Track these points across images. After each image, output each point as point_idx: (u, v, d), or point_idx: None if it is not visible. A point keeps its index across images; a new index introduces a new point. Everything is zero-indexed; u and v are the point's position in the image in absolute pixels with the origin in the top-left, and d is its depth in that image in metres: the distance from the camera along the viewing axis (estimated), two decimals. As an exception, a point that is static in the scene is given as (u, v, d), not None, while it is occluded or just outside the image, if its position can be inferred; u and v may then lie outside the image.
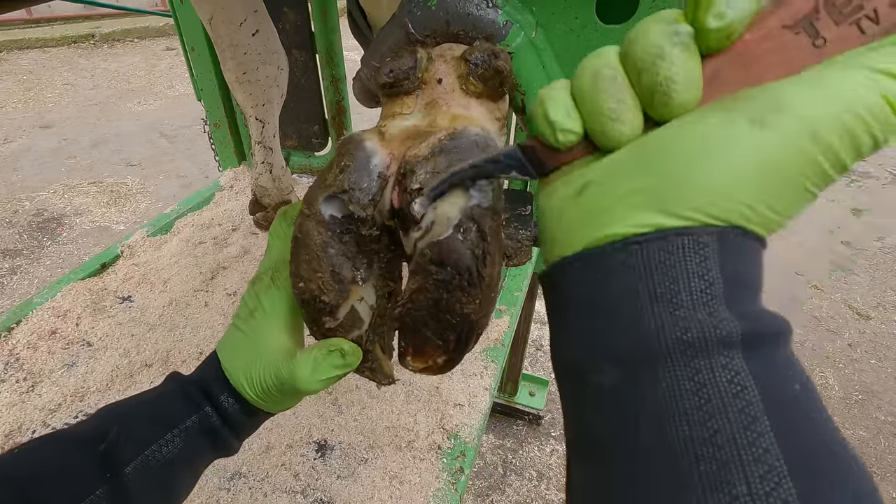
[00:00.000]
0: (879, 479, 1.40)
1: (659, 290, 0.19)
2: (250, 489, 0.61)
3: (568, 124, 0.22)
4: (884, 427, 1.54)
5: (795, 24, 0.19)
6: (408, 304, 0.31)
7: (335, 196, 0.31)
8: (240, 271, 0.96)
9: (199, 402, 0.35)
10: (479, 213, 0.28)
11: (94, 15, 4.93)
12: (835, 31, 0.19)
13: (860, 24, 0.18)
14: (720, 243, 0.19)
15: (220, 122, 1.17)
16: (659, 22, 0.20)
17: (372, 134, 0.33)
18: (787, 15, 0.19)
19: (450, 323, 0.30)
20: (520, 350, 1.37)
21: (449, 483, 0.62)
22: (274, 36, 0.76)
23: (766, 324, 0.19)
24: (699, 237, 0.19)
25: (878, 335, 1.84)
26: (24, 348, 0.76)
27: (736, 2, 0.19)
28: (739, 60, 0.20)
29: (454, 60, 0.35)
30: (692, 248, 0.19)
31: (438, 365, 0.32)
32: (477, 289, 0.29)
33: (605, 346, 0.20)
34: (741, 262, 0.20)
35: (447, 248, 0.28)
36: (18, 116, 3.30)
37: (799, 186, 0.19)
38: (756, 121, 0.19)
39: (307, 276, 0.32)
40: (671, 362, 0.18)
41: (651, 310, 0.19)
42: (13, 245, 2.19)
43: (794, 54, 0.19)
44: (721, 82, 0.20)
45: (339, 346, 0.33)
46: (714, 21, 0.19)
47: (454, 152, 0.29)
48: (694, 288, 0.19)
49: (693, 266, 0.19)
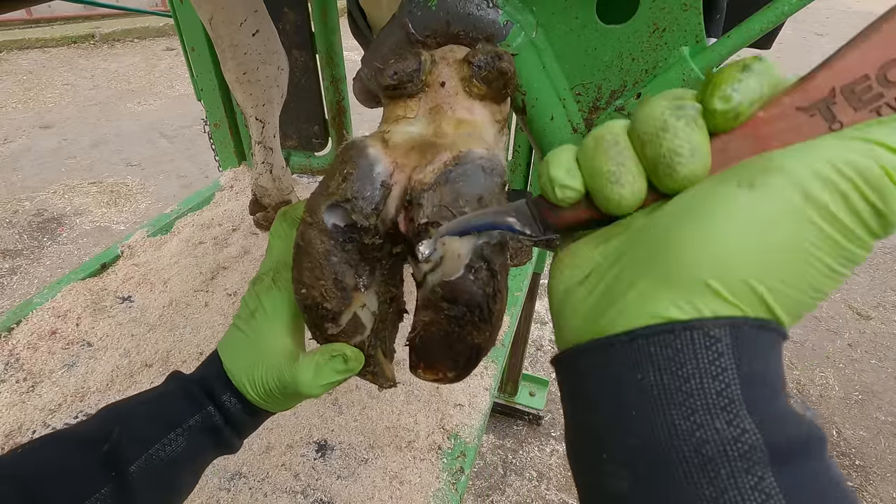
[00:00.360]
0: (880, 479, 1.40)
1: (670, 390, 0.18)
2: (250, 489, 0.61)
3: (567, 181, 0.22)
4: (884, 427, 1.54)
5: (811, 107, 0.19)
6: (420, 334, 0.31)
7: (338, 205, 0.31)
8: (240, 271, 0.95)
9: (202, 401, 0.36)
10: (488, 252, 0.28)
11: (94, 15, 4.93)
12: (852, 116, 0.18)
13: (879, 112, 0.18)
14: (734, 337, 0.18)
15: (220, 122, 1.17)
16: (665, 97, 0.20)
17: (375, 141, 0.33)
18: (802, 97, 0.19)
19: (460, 350, 0.31)
20: (520, 350, 1.37)
21: (449, 483, 0.62)
22: (274, 36, 0.76)
23: (794, 432, 0.17)
24: (710, 330, 0.18)
25: (878, 335, 1.84)
26: (25, 348, 0.76)
27: (745, 86, 0.19)
28: (751, 137, 0.20)
29: (457, 63, 0.35)
30: (703, 344, 0.18)
31: (448, 378, 0.33)
32: (488, 323, 0.30)
33: (618, 449, 0.19)
34: (758, 358, 0.18)
35: (459, 288, 0.29)
36: (18, 116, 3.30)
37: (807, 254, 0.18)
38: (744, 183, 0.18)
39: (310, 284, 0.32)
40: (690, 477, 0.17)
41: (663, 413, 0.18)
42: (13, 245, 2.19)
43: (807, 135, 0.19)
44: (730, 156, 0.20)
45: (341, 351, 0.33)
46: (720, 104, 0.19)
47: (461, 181, 0.29)
48: (708, 390, 0.17)
49: (705, 364, 0.18)
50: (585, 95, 0.40)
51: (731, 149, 0.20)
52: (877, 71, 0.18)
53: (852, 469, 1.43)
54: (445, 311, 0.30)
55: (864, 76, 0.18)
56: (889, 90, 0.18)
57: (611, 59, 0.38)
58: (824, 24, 5.80)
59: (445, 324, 0.30)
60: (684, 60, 0.36)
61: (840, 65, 0.18)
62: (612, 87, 0.39)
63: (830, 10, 6.41)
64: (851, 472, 1.42)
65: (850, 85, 0.18)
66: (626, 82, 0.39)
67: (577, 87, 0.40)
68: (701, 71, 0.36)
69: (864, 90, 0.18)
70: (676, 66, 0.36)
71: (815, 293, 0.18)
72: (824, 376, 1.69)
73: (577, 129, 0.41)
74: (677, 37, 0.36)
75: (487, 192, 0.29)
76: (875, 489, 1.38)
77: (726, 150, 0.20)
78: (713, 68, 0.36)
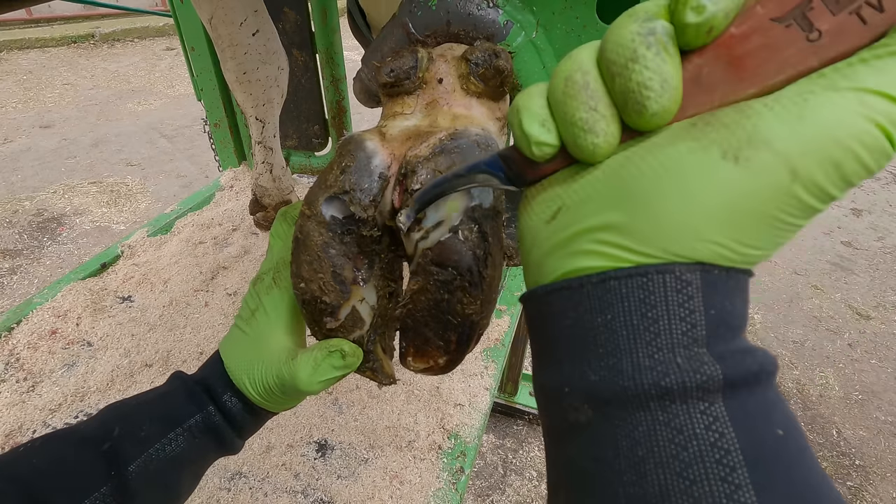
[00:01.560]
0: (880, 479, 1.40)
1: (638, 330, 0.18)
2: (251, 489, 0.61)
3: (543, 136, 0.21)
4: (884, 427, 1.54)
5: (785, 16, 0.17)
6: (409, 305, 0.31)
7: (336, 197, 0.31)
8: (240, 271, 0.96)
9: (203, 401, 0.36)
10: (480, 214, 0.28)
11: (94, 15, 4.93)
12: (831, 22, 0.16)
13: (860, 13, 0.16)
14: (704, 280, 0.18)
15: (220, 122, 1.17)
16: (634, 19, 0.18)
17: (373, 134, 0.33)
18: (776, 6, 0.17)
19: (451, 323, 0.30)
20: (520, 350, 1.37)
21: (449, 483, 0.62)
22: (274, 36, 0.76)
23: (749, 364, 0.18)
24: (682, 275, 0.18)
25: (878, 335, 1.84)
26: (25, 348, 0.76)
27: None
28: (724, 59, 0.18)
29: (455, 60, 0.35)
30: (674, 287, 0.18)
31: (439, 365, 0.32)
32: (478, 289, 0.29)
33: (581, 384, 0.20)
34: (727, 299, 0.18)
35: (448, 249, 0.28)
36: (18, 116, 3.30)
37: (778, 221, 0.18)
38: (729, 155, 0.17)
39: (308, 277, 0.32)
40: (648, 407, 0.18)
41: (629, 350, 0.18)
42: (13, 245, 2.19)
43: (785, 51, 0.17)
44: (704, 86, 0.18)
45: (339, 346, 0.33)
46: (692, 16, 0.17)
47: (455, 152, 0.29)
48: (675, 330, 0.18)
49: (675, 307, 0.18)
50: (585, 95, 0.40)
51: (704, 76, 0.18)
52: None
53: (852, 469, 1.43)
54: (434, 275, 0.29)
55: None
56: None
57: (611, 58, 0.38)
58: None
59: (434, 291, 0.29)
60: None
61: None
62: (613, 86, 0.39)
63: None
64: (851, 472, 1.42)
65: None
66: (626, 82, 0.39)
67: (577, 87, 0.40)
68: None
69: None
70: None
71: (779, 244, 0.19)
72: (824, 376, 1.69)
73: (577, 129, 0.41)
74: (677, 36, 0.36)
75: None
76: (875, 489, 1.38)
77: (699, 78, 0.18)
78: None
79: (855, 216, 2.50)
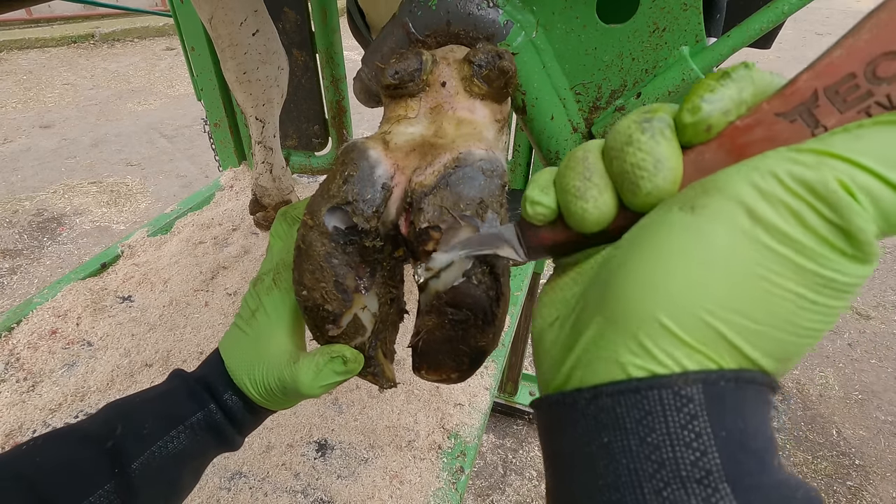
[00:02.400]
0: (880, 479, 1.40)
1: (639, 458, 0.16)
2: (250, 489, 0.61)
3: (539, 197, 0.22)
4: (884, 427, 1.54)
5: (790, 112, 0.17)
6: (423, 337, 0.31)
7: (339, 207, 0.31)
8: (240, 271, 0.96)
9: (204, 399, 0.36)
10: (491, 256, 0.29)
11: (94, 15, 4.93)
12: (837, 120, 0.16)
13: (869, 112, 0.16)
14: (708, 395, 0.15)
15: (220, 122, 1.17)
16: (637, 112, 0.20)
17: (376, 142, 0.32)
18: (782, 103, 0.17)
19: (464, 352, 0.31)
20: (520, 350, 1.37)
21: (449, 483, 0.62)
22: (274, 36, 0.76)
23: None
24: (680, 389, 0.16)
25: (878, 335, 1.84)
26: (25, 348, 0.76)
27: (719, 96, 0.18)
28: (726, 148, 0.18)
29: (457, 63, 0.35)
30: (673, 406, 0.16)
31: (452, 379, 0.33)
32: (491, 326, 0.30)
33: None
34: (740, 419, 0.15)
35: (463, 293, 0.29)
36: (18, 116, 3.30)
37: (767, 282, 0.15)
38: (686, 207, 0.17)
39: (310, 286, 0.32)
40: None
41: (632, 485, 0.16)
42: (13, 245, 2.19)
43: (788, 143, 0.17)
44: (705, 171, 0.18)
45: (340, 352, 0.33)
46: (688, 116, 0.18)
47: (461, 184, 0.29)
48: (681, 459, 0.15)
49: (676, 429, 0.15)
50: (585, 95, 0.40)
51: (705, 161, 0.19)
52: (864, 68, 0.16)
53: (852, 469, 1.43)
54: (449, 315, 0.30)
55: (850, 74, 0.16)
56: (878, 87, 0.16)
57: (611, 58, 0.38)
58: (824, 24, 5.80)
59: (449, 328, 0.30)
60: (684, 60, 0.36)
61: (823, 65, 0.17)
62: (613, 86, 0.39)
63: (830, 9, 6.41)
64: (851, 472, 1.42)
65: (833, 85, 0.16)
66: (626, 82, 0.39)
67: (577, 87, 0.40)
68: (701, 70, 0.36)
69: (849, 90, 0.16)
70: (676, 66, 0.36)
71: (796, 329, 0.15)
72: (824, 376, 1.69)
73: (577, 129, 0.41)
74: (677, 36, 0.36)
75: (488, 195, 0.29)
76: (875, 489, 1.38)
77: (700, 162, 0.19)
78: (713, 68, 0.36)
79: (855, 216, 2.50)
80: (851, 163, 0.14)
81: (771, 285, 0.15)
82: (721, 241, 0.16)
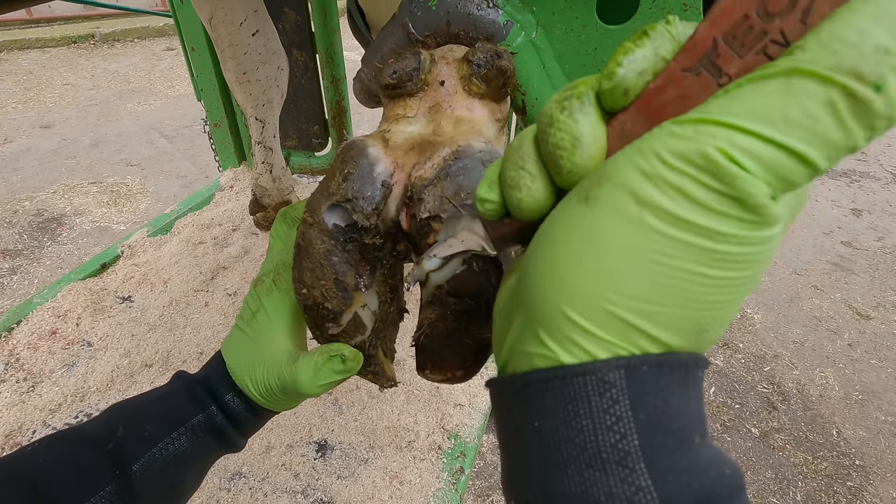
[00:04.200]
0: (880, 479, 1.40)
1: (565, 442, 0.16)
2: (251, 489, 0.61)
3: (485, 195, 0.22)
4: (884, 427, 1.54)
5: (694, 65, 0.17)
6: (426, 331, 0.31)
7: (339, 205, 0.31)
8: (240, 271, 0.96)
9: (205, 401, 0.36)
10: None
11: (94, 15, 4.93)
12: (739, 65, 0.16)
13: (767, 52, 0.16)
14: (630, 380, 0.16)
15: (220, 122, 1.17)
16: (559, 91, 0.19)
17: (375, 140, 0.33)
18: (687, 58, 0.17)
19: (468, 345, 0.31)
20: (520, 350, 1.37)
21: (449, 483, 0.62)
22: (274, 36, 0.76)
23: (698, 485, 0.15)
24: (603, 375, 0.16)
25: (878, 335, 1.84)
26: (25, 348, 0.76)
27: (634, 57, 0.17)
28: (643, 113, 0.18)
29: (456, 62, 0.35)
30: (596, 391, 0.16)
31: (457, 377, 0.33)
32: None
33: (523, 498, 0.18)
34: (660, 401, 0.16)
35: (464, 281, 0.29)
36: (18, 116, 3.30)
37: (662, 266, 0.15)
38: (581, 197, 0.17)
39: (310, 284, 0.32)
40: None
41: (559, 466, 0.16)
42: (13, 245, 2.19)
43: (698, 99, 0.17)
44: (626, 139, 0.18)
45: (339, 351, 0.33)
46: (605, 82, 0.18)
47: (460, 174, 0.29)
48: (603, 442, 0.16)
49: (599, 413, 0.16)
50: (585, 95, 0.40)
51: (626, 129, 0.18)
52: (756, 7, 0.15)
53: (852, 469, 1.43)
54: (451, 306, 0.29)
55: (744, 16, 0.16)
56: (771, 24, 0.15)
57: (611, 59, 0.38)
58: (824, 24, 5.79)
59: (451, 320, 0.30)
60: (684, 60, 0.36)
61: (718, 11, 0.16)
62: (612, 86, 0.39)
63: (830, 9, 6.40)
64: (851, 472, 1.42)
65: (730, 30, 0.16)
66: (626, 82, 0.39)
67: (577, 87, 0.40)
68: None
69: (745, 32, 0.16)
70: (676, 66, 0.36)
71: (702, 304, 0.16)
72: (824, 376, 1.69)
73: (577, 129, 0.41)
74: (677, 37, 0.36)
75: None
76: (875, 489, 1.38)
77: (623, 131, 0.18)
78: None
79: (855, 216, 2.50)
80: (729, 126, 0.14)
81: (665, 268, 0.15)
82: (612, 231, 0.16)
